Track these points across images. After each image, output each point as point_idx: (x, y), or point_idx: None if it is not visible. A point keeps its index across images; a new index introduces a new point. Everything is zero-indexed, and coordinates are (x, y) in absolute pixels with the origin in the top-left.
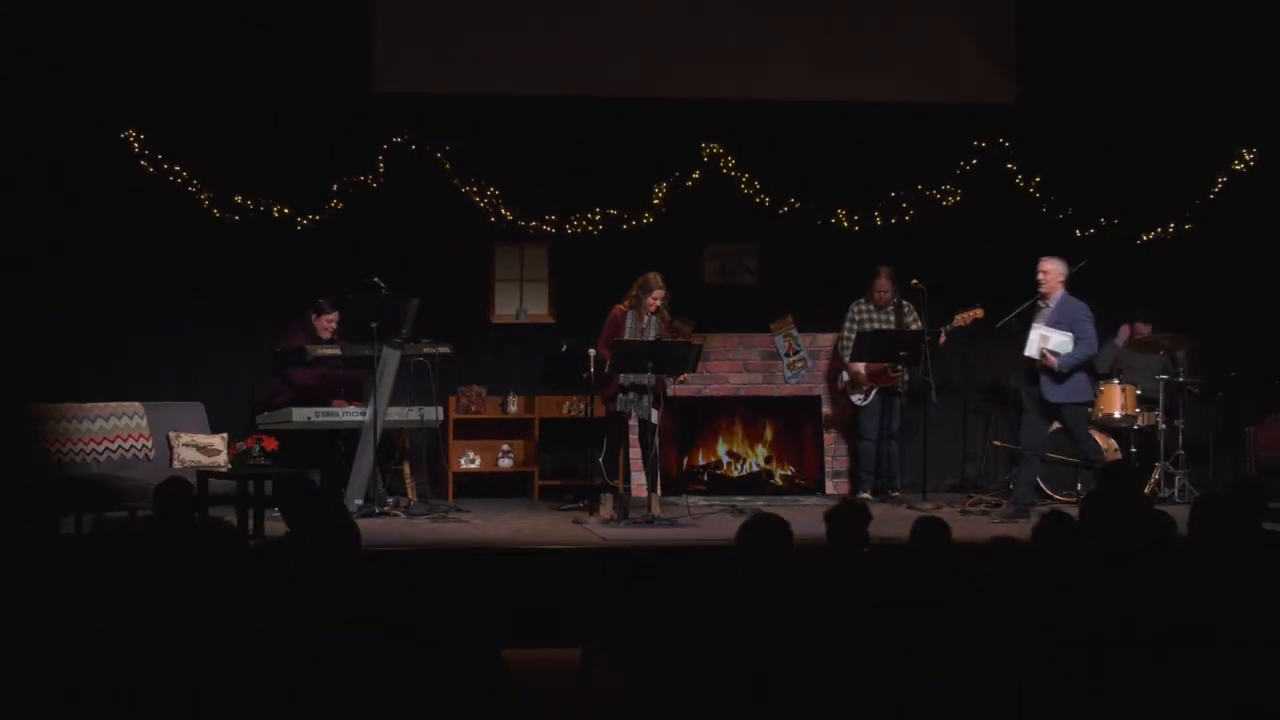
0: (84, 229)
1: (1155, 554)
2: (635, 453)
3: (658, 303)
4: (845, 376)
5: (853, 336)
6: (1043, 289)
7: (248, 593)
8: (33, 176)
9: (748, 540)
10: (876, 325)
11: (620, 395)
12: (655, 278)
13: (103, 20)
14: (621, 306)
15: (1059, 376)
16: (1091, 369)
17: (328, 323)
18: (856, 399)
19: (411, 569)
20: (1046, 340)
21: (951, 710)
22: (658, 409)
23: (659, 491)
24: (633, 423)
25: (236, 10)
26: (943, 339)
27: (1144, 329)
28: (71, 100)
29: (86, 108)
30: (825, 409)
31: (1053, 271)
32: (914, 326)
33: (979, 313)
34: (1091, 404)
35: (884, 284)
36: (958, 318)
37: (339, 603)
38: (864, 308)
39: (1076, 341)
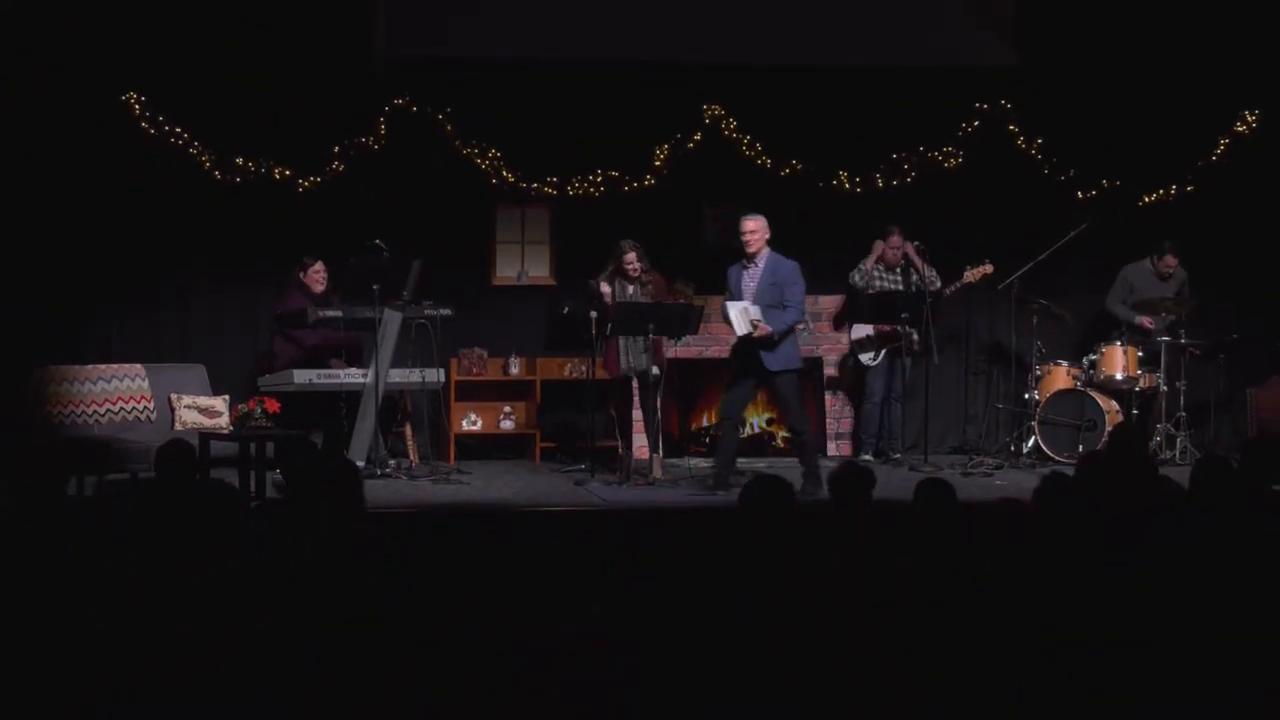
0: (85, 192)
1: (1159, 518)
2: (637, 414)
3: (633, 267)
4: (860, 332)
5: (858, 280)
6: (750, 249)
7: (249, 559)
8: (33, 140)
9: (749, 501)
10: (885, 286)
11: (621, 357)
12: (624, 244)
13: None
14: (603, 278)
15: (773, 344)
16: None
17: (316, 275)
18: (866, 359)
19: (413, 530)
20: (748, 313)
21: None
22: (657, 366)
23: (661, 454)
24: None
25: None
26: (948, 292)
27: (1172, 261)
28: (71, 63)
29: (86, 70)
30: (827, 370)
31: (758, 230)
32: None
33: (989, 269)
34: (801, 373)
35: (894, 241)
36: (968, 274)
37: (342, 565)
38: (875, 267)
39: (785, 306)
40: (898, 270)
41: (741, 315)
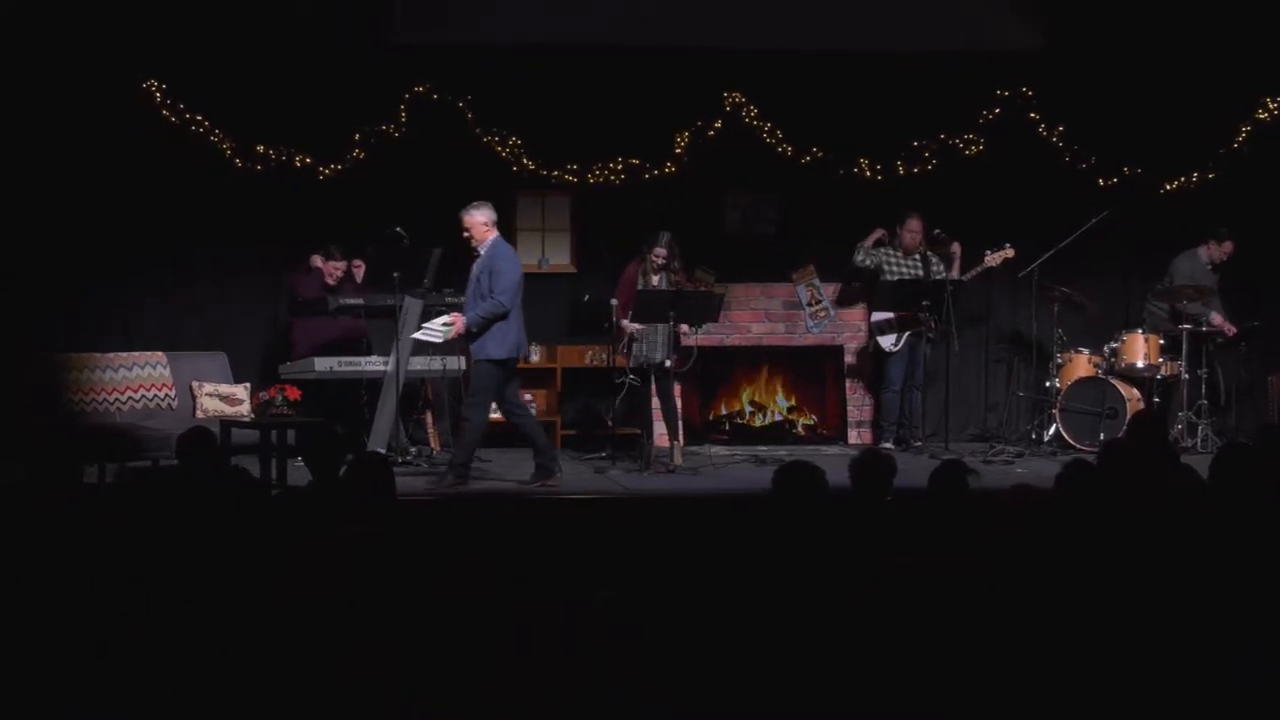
0: (107, 179)
1: (1178, 506)
2: (656, 402)
3: (658, 259)
4: (882, 315)
5: (866, 261)
6: (474, 243)
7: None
8: (54, 127)
9: (783, 486)
10: (902, 271)
11: (634, 346)
12: (659, 234)
13: None
14: (635, 264)
15: (473, 336)
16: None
17: (334, 269)
18: (887, 343)
19: (434, 518)
20: (432, 329)
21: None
22: (671, 356)
23: (681, 441)
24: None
25: None
26: (968, 278)
27: (1229, 247)
28: (91, 50)
29: (107, 57)
30: (848, 358)
31: (471, 225)
32: (938, 277)
33: (1010, 253)
34: (502, 363)
35: (915, 225)
36: (988, 258)
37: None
38: (889, 252)
39: (491, 293)
40: (916, 256)
41: (427, 333)
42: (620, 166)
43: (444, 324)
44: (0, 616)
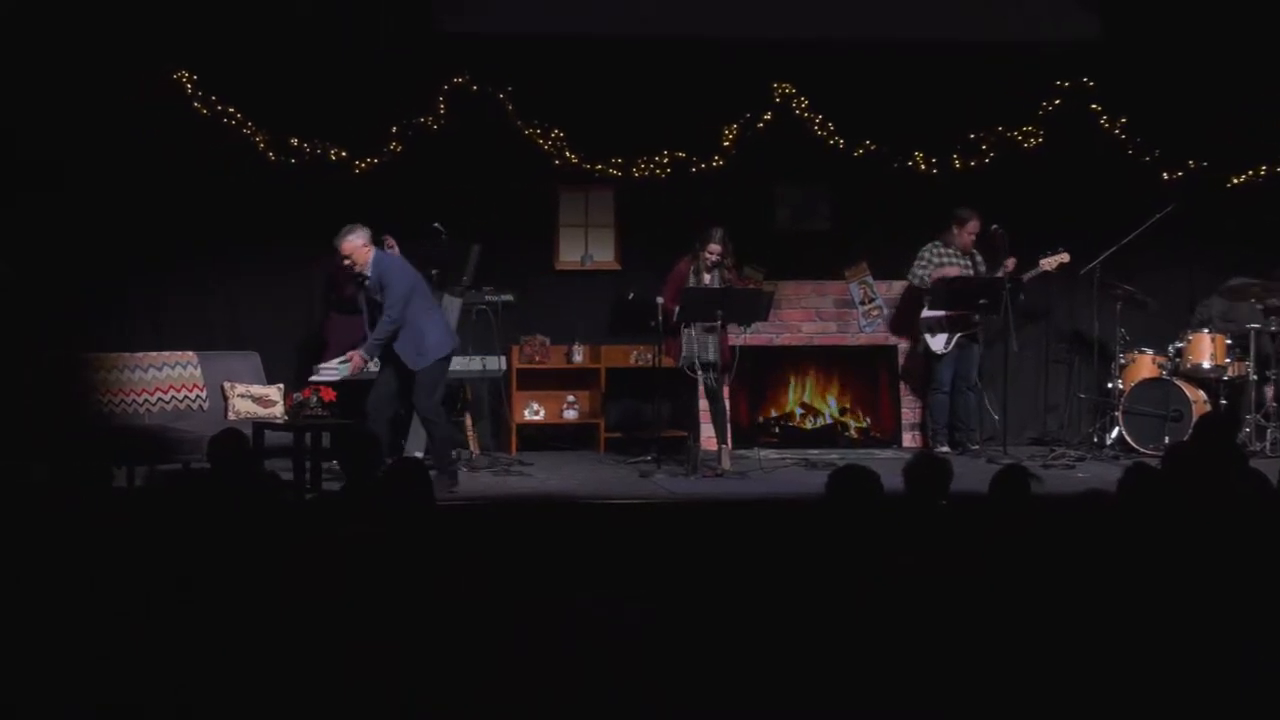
0: (137, 174)
1: (1247, 512)
2: (704, 404)
3: (712, 257)
4: (929, 311)
5: (925, 272)
6: (358, 269)
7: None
8: (83, 120)
9: (838, 491)
10: (955, 271)
11: (683, 345)
12: (713, 231)
13: None
14: (686, 260)
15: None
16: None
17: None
18: (936, 344)
19: (473, 523)
20: (333, 368)
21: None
22: (721, 362)
23: (729, 445)
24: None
25: None
26: (1026, 278)
27: None
28: (121, 40)
29: (137, 48)
30: (901, 359)
31: (355, 248)
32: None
33: (1065, 257)
34: (447, 358)
35: (975, 227)
36: (1043, 262)
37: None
38: (941, 251)
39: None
40: (971, 257)
41: (325, 373)
42: (666, 160)
43: (340, 362)
44: (26, 616)
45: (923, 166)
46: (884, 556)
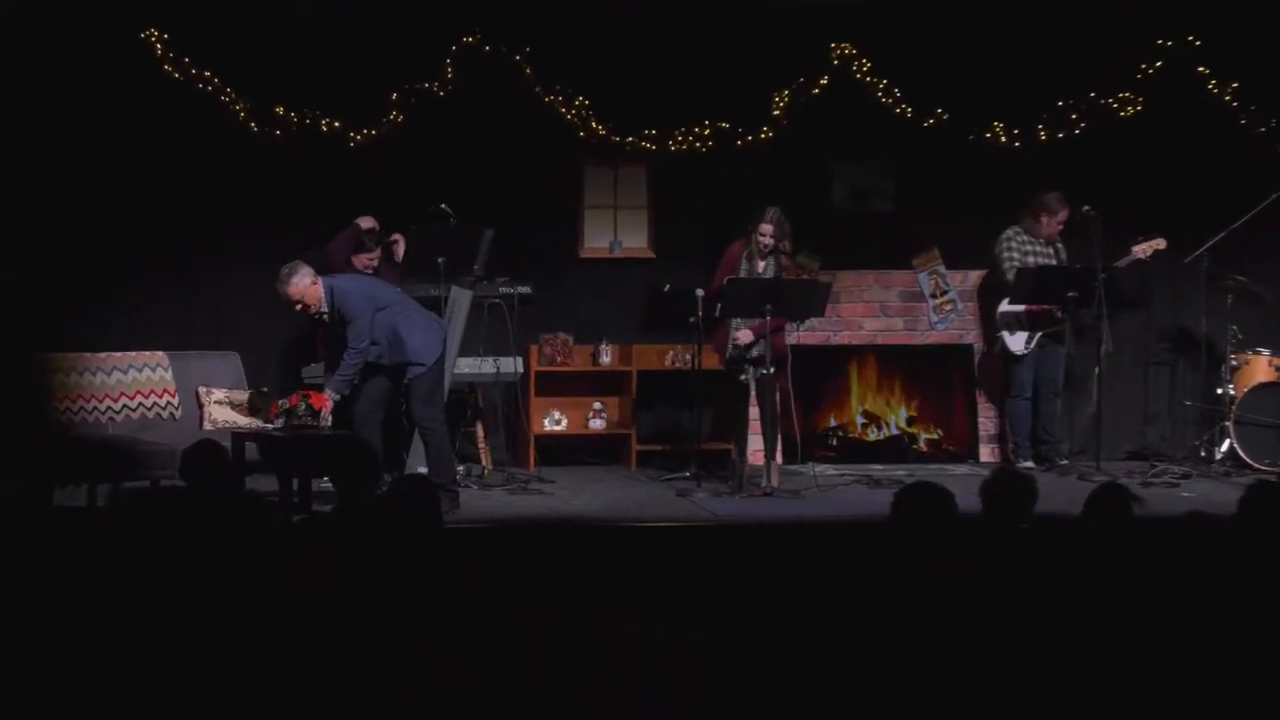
0: (98, 149)
1: None
2: (753, 412)
3: (765, 239)
4: (1007, 306)
5: (1016, 261)
6: (313, 310)
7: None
8: (38, 87)
9: (905, 512)
10: (1039, 262)
11: (731, 353)
12: (767, 209)
13: None
14: (739, 243)
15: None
16: None
17: (369, 260)
18: (1015, 344)
19: (486, 549)
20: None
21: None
22: (774, 362)
23: (779, 459)
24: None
25: None
26: (1118, 266)
27: None
28: None
29: (98, 4)
30: (979, 359)
31: (302, 289)
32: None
33: (1160, 243)
34: (439, 361)
35: (1065, 215)
36: (1136, 249)
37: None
38: (1025, 239)
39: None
40: (1054, 248)
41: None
42: (707, 132)
43: (311, 404)
44: None
45: (1002, 139)
46: (957, 585)
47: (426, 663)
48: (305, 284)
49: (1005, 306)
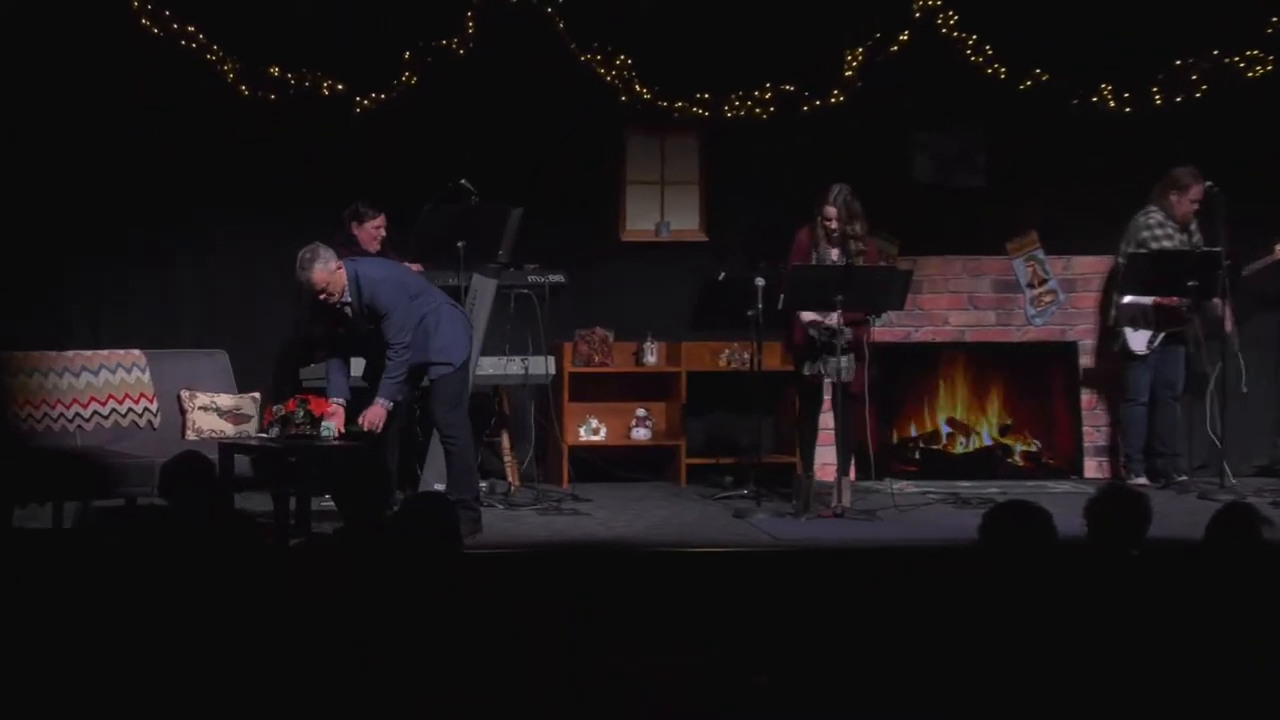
0: (66, 116)
1: None
2: (825, 419)
3: (831, 223)
4: (1131, 298)
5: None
6: (335, 300)
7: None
8: None
9: (996, 536)
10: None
11: (807, 352)
12: (832, 189)
13: None
14: (806, 229)
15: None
16: None
17: (375, 230)
18: (1137, 342)
19: (512, 578)
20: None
21: None
22: (854, 363)
23: (852, 475)
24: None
25: None
26: (1249, 273)
27: None
28: None
29: None
30: (1085, 359)
31: (326, 277)
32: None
33: None
34: (465, 363)
35: (1198, 193)
36: (1279, 247)
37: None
38: (1161, 221)
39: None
40: (1188, 230)
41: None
42: (768, 96)
43: (325, 429)
44: None
45: (1111, 103)
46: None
47: (443, 711)
48: (331, 269)
49: (1129, 299)
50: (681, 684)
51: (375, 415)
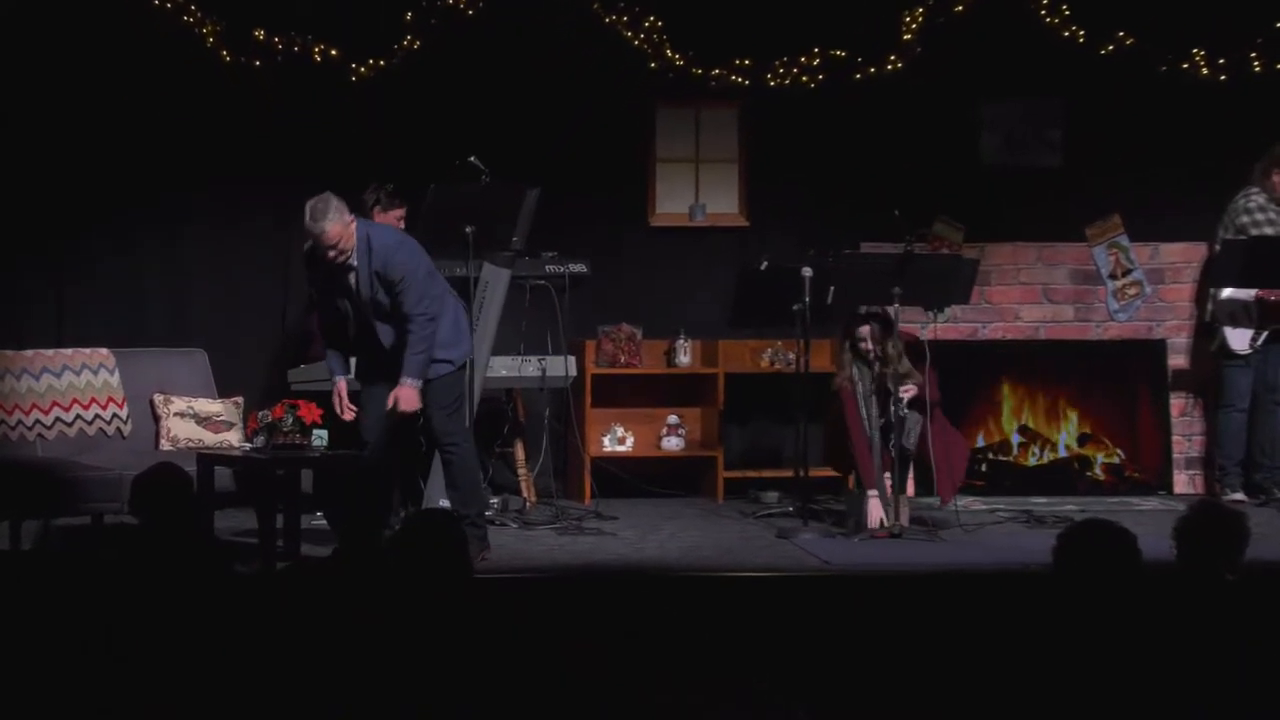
0: (28, 85)
1: None
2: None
3: (866, 344)
4: (1231, 292)
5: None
6: (344, 257)
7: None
8: None
9: (1073, 559)
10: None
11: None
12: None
13: None
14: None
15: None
16: None
17: (398, 223)
18: (1239, 341)
19: (530, 604)
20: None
21: None
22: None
23: (910, 490)
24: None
25: None
26: None
27: None
28: None
29: None
30: (1175, 359)
31: (339, 230)
32: None
33: None
34: (465, 365)
35: None
36: None
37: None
38: (1263, 204)
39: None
40: None
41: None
42: (816, 62)
43: (317, 438)
44: None
45: (1204, 70)
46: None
47: None
48: (345, 222)
49: (1227, 292)
50: None
51: (407, 395)
